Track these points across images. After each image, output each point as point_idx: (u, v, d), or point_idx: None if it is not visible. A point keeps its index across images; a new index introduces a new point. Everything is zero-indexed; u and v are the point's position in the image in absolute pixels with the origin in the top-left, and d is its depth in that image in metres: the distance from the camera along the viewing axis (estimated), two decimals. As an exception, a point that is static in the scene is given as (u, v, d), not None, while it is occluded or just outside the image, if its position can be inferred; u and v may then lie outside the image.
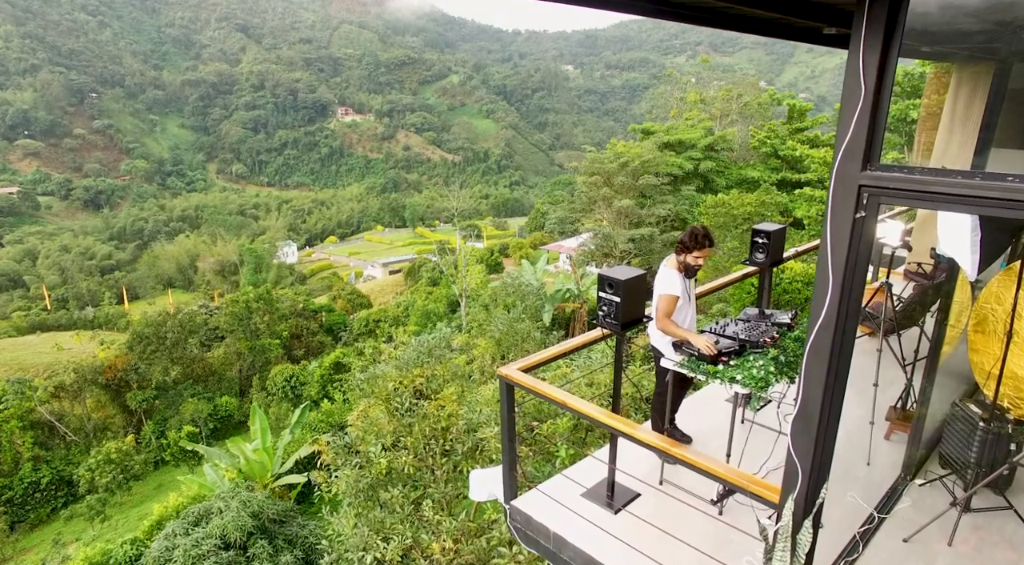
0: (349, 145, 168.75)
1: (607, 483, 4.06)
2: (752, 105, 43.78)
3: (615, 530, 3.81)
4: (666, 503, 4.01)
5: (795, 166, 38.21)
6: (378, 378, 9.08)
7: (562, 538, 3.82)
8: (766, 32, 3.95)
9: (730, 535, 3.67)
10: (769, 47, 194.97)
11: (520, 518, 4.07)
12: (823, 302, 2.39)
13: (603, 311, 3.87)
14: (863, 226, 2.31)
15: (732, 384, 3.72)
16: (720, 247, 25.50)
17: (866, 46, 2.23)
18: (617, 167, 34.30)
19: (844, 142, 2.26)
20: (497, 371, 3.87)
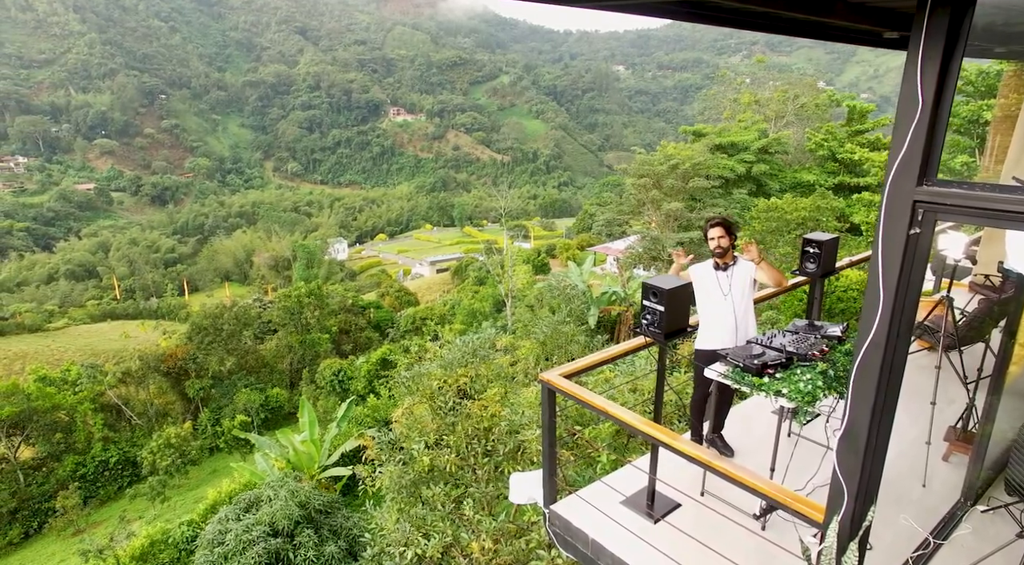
0: (400, 145, 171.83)
1: (647, 492, 4.03)
2: (809, 106, 42.34)
3: (654, 540, 3.78)
4: (707, 515, 3.95)
5: (853, 170, 36.77)
6: (423, 376, 9.24)
7: (600, 545, 3.82)
8: (822, 36, 3.85)
9: (772, 551, 3.59)
10: (830, 46, 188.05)
11: (559, 523, 4.09)
12: (872, 319, 2.32)
13: (647, 320, 3.84)
14: (917, 243, 2.23)
15: (778, 397, 3.64)
16: (772, 252, 24.77)
17: (925, 56, 2.14)
18: (667, 169, 33.76)
19: (899, 156, 2.19)
20: (539, 377, 3.90)
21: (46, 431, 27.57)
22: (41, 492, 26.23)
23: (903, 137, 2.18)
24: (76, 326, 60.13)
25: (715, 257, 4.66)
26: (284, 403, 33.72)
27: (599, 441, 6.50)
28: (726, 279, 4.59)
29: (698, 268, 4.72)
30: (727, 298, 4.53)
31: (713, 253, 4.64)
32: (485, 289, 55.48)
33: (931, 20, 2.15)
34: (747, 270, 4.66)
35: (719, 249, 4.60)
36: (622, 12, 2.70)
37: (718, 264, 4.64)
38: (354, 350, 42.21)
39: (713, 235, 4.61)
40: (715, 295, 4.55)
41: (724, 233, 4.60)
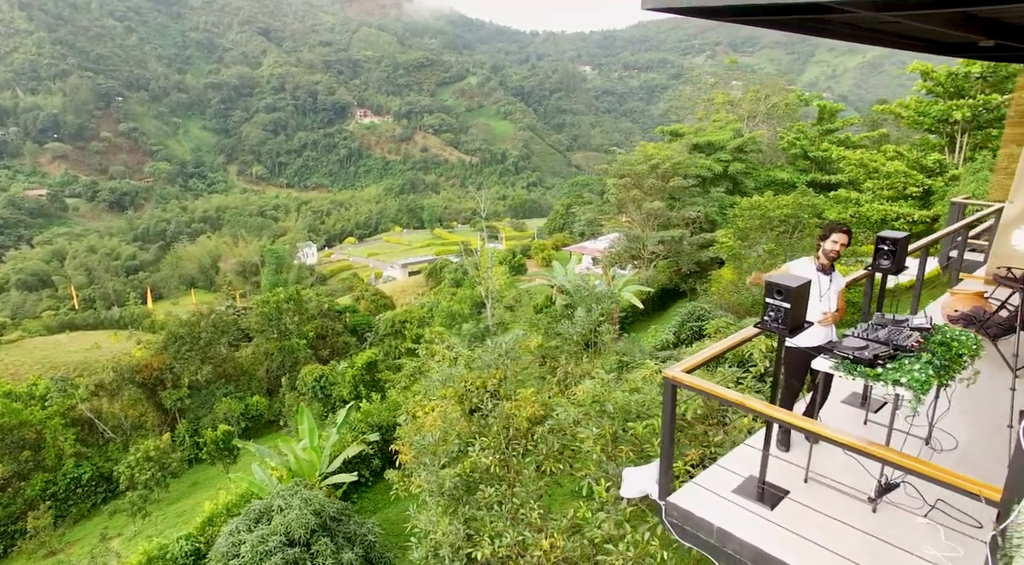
0: (367, 147, 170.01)
1: (759, 480, 4.07)
2: (780, 106, 43.38)
3: (775, 525, 3.87)
4: (818, 499, 4.04)
5: (824, 167, 37.83)
6: (453, 379, 9.12)
7: (726, 532, 3.86)
8: (917, 48, 3.91)
9: (889, 531, 3.67)
10: (789, 47, 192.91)
11: (677, 514, 4.13)
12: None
13: (770, 316, 3.87)
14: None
15: (896, 386, 3.70)
16: (756, 249, 25.29)
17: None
18: (647, 169, 34.13)
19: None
20: (664, 373, 3.92)
21: (12, 449, 26.34)
22: (7, 513, 25.03)
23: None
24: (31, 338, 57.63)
25: (828, 260, 4.71)
26: (264, 411, 32.97)
27: (654, 436, 6.52)
28: (827, 282, 4.67)
29: (799, 265, 4.77)
30: (822, 300, 4.62)
31: (827, 256, 4.70)
32: (463, 290, 55.30)
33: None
34: (841, 280, 4.77)
35: (834, 254, 4.67)
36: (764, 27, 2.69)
37: (824, 267, 4.71)
38: (331, 355, 41.56)
39: (837, 239, 4.68)
40: (814, 295, 4.61)
41: (848, 241, 4.68)
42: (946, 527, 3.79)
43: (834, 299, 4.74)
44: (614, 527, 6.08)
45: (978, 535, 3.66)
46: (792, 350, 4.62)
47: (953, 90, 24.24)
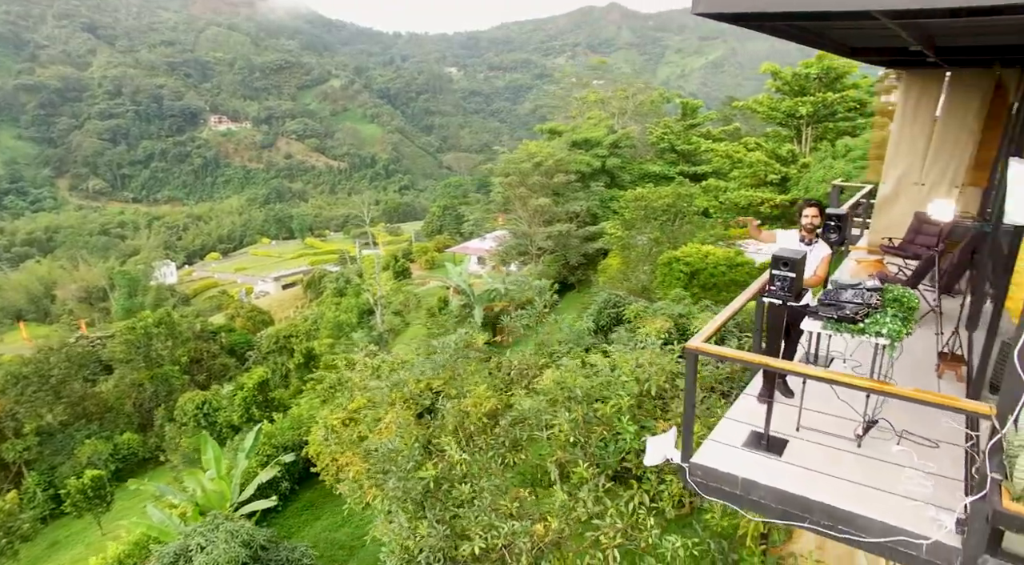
0: (225, 155, 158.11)
1: (763, 433, 4.37)
2: (646, 103, 46.38)
3: (787, 470, 4.23)
4: (814, 443, 4.47)
5: (691, 159, 40.98)
6: (402, 383, 8.76)
7: (751, 481, 4.16)
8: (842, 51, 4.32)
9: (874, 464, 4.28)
10: (642, 48, 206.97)
11: (700, 472, 4.38)
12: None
13: (776, 285, 4.15)
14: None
15: (879, 337, 4.12)
16: (641, 238, 26.83)
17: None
18: (531, 167, 34.99)
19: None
20: (686, 346, 4.09)
21: None
22: None
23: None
24: None
25: (806, 232, 5.11)
26: (138, 448, 29.60)
27: (622, 412, 6.70)
28: (808, 252, 5.07)
29: (787, 235, 5.14)
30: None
31: (804, 228, 5.10)
32: (347, 299, 53.28)
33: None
34: (822, 250, 5.23)
35: (811, 225, 5.07)
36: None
37: (804, 238, 5.11)
38: (210, 380, 38.32)
39: (808, 213, 5.12)
40: None
41: (818, 213, 5.07)
42: (918, 445, 4.33)
43: (814, 266, 5.15)
44: (595, 503, 6.20)
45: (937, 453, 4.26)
46: (775, 315, 4.97)
47: (797, 88, 27.40)
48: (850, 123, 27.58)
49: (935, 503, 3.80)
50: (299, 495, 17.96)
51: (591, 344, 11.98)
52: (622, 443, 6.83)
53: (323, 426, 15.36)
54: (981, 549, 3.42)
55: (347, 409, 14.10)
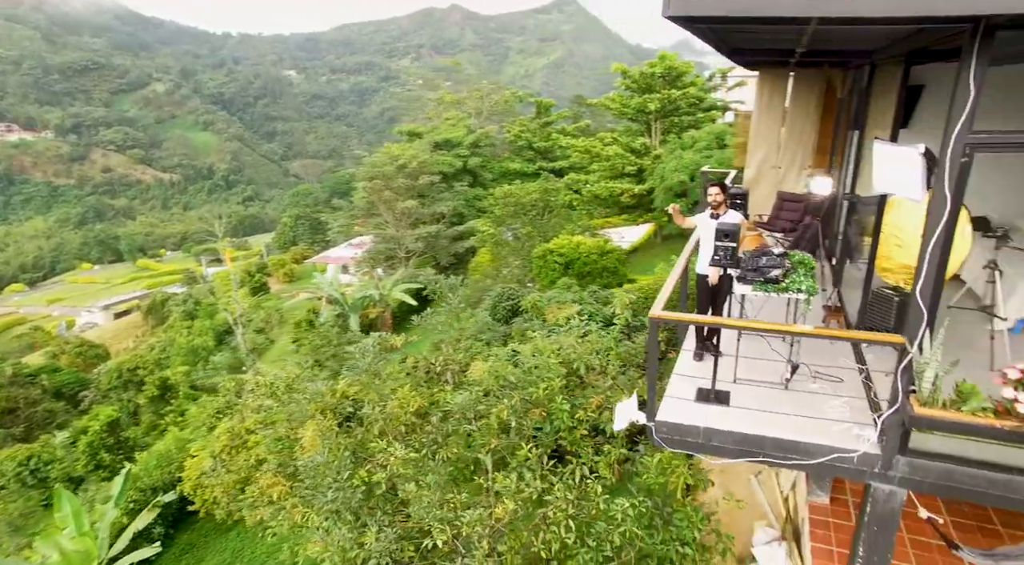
0: (20, 170, 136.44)
1: (710, 388, 4.96)
2: (500, 103, 47.72)
3: (737, 415, 4.82)
4: (752, 391, 5.14)
5: (547, 156, 42.88)
6: (317, 396, 8.35)
7: (711, 429, 4.72)
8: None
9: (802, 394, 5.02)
10: (486, 49, 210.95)
11: (665, 429, 4.86)
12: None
13: (720, 255, 4.73)
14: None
15: (799, 293, 4.87)
16: (517, 232, 27.68)
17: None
18: (395, 169, 34.56)
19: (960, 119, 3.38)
20: (649, 315, 4.50)
21: None
22: None
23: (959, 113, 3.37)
24: None
25: (712, 208, 5.75)
26: (-60, 525, 24.82)
27: (555, 393, 7.07)
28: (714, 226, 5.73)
29: (700, 216, 5.77)
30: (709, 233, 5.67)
31: (711, 205, 5.74)
32: (200, 322, 48.87)
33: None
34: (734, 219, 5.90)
35: (715, 202, 5.72)
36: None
37: (712, 214, 5.74)
38: (31, 430, 33.40)
39: (712, 192, 5.81)
40: (708, 237, 5.64)
41: (720, 191, 5.72)
42: (829, 381, 5.18)
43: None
44: (542, 480, 6.51)
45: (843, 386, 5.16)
46: (701, 281, 5.62)
47: (645, 86, 29.89)
48: (692, 117, 30.65)
49: (856, 422, 4.57)
50: (175, 539, 16.32)
51: (498, 335, 12.29)
52: (557, 423, 7.20)
53: (210, 456, 14.12)
54: (895, 451, 4.21)
55: (238, 434, 13.14)
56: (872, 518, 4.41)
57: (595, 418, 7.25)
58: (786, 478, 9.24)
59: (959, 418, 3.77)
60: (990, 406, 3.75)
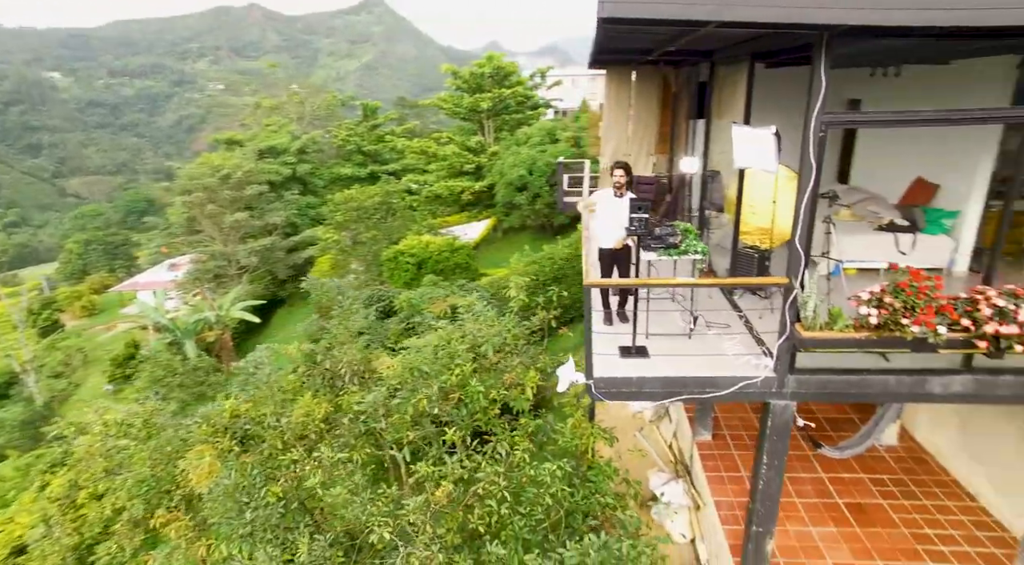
0: None
1: (630, 345, 5.70)
2: (322, 107, 45.87)
3: (660, 361, 5.58)
4: (664, 343, 5.92)
5: (378, 159, 42.13)
6: (208, 418, 7.65)
7: (641, 378, 5.40)
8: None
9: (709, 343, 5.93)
10: (292, 51, 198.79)
11: (603, 383, 5.44)
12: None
13: (635, 225, 5.41)
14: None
15: (696, 253, 5.76)
16: (360, 237, 27.08)
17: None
18: (219, 181, 31.75)
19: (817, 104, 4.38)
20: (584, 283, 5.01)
21: None
22: None
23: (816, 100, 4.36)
24: None
25: (616, 188, 6.42)
26: None
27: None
28: (620, 203, 6.39)
29: (603, 194, 6.41)
30: (618, 216, 6.36)
31: (615, 185, 6.41)
32: (-27, 376, 40.69)
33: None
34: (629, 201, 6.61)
35: (619, 182, 6.39)
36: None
37: (616, 193, 6.43)
38: None
39: (616, 174, 6.48)
40: (612, 213, 6.34)
41: (624, 173, 6.40)
42: (720, 328, 6.17)
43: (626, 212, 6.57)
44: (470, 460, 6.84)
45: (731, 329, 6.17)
46: (604, 254, 6.36)
47: (476, 86, 30.80)
48: (522, 115, 32.26)
49: (754, 354, 5.56)
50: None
51: (377, 337, 12.16)
52: (472, 405, 7.52)
53: (41, 520, 12.20)
54: (786, 372, 5.24)
55: (82, 486, 11.47)
56: (772, 430, 5.43)
57: (507, 395, 7.68)
58: (667, 429, 10.53)
59: (833, 335, 4.84)
60: (851, 323, 4.86)
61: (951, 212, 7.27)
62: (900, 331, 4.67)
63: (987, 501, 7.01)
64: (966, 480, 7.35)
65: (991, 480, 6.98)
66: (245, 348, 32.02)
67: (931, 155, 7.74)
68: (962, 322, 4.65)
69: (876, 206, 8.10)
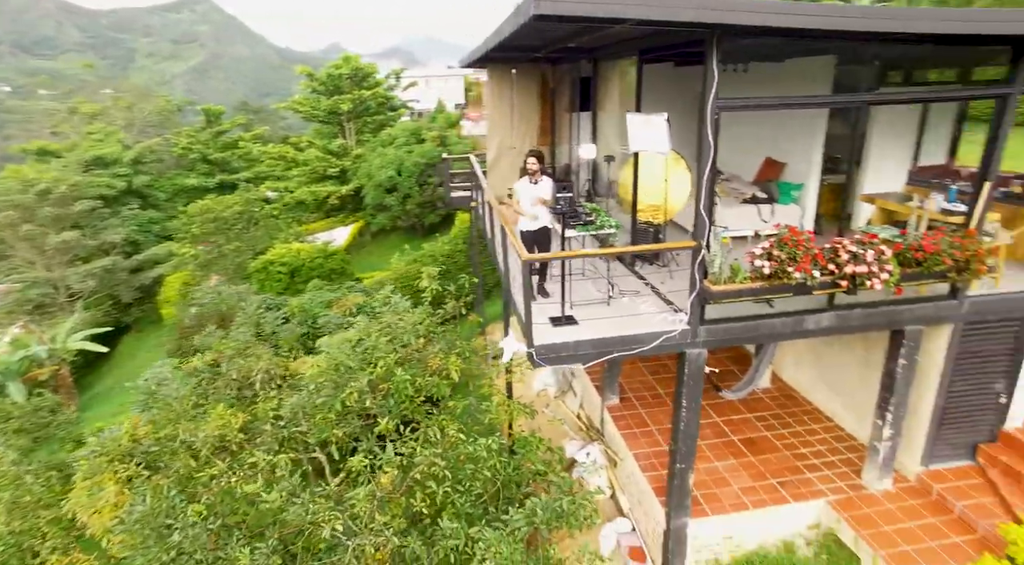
0: None
1: (561, 314, 6.21)
2: (155, 114, 41.67)
3: (589, 325, 6.13)
4: (587, 310, 6.49)
5: (225, 168, 39.13)
6: (104, 446, 6.91)
7: (578, 341, 5.91)
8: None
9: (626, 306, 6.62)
10: (101, 50, 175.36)
11: (544, 350, 5.86)
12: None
13: (561, 204, 5.85)
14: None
15: (611, 228, 6.38)
16: (222, 249, 25.27)
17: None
18: (36, 197, 27.75)
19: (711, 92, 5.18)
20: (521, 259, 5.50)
21: None
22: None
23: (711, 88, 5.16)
24: None
25: (530, 175, 6.86)
26: None
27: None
28: (536, 189, 6.88)
29: (521, 182, 6.85)
30: (536, 200, 6.82)
31: (529, 172, 6.85)
32: None
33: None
34: (548, 183, 7.14)
35: (532, 170, 6.85)
36: None
37: (531, 179, 6.88)
38: None
39: (530, 161, 6.95)
40: (530, 198, 6.81)
41: (537, 161, 6.86)
42: (631, 294, 6.92)
43: (547, 194, 7.07)
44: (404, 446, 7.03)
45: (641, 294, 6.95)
46: (525, 236, 6.84)
47: (333, 88, 29.81)
48: (384, 116, 31.80)
49: (670, 312, 6.34)
50: None
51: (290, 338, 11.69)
52: (399, 395, 7.64)
53: None
54: (698, 323, 6.06)
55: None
56: (689, 376, 6.24)
57: (432, 382, 7.89)
58: (572, 402, 11.31)
59: (736, 287, 5.72)
60: (749, 276, 5.78)
61: (797, 185, 8.73)
62: (786, 278, 5.67)
63: (840, 420, 8.54)
64: (824, 406, 8.87)
65: (842, 403, 8.51)
66: (88, 383, 28.41)
67: (778, 139, 9.19)
68: (829, 267, 5.75)
69: (737, 183, 9.44)
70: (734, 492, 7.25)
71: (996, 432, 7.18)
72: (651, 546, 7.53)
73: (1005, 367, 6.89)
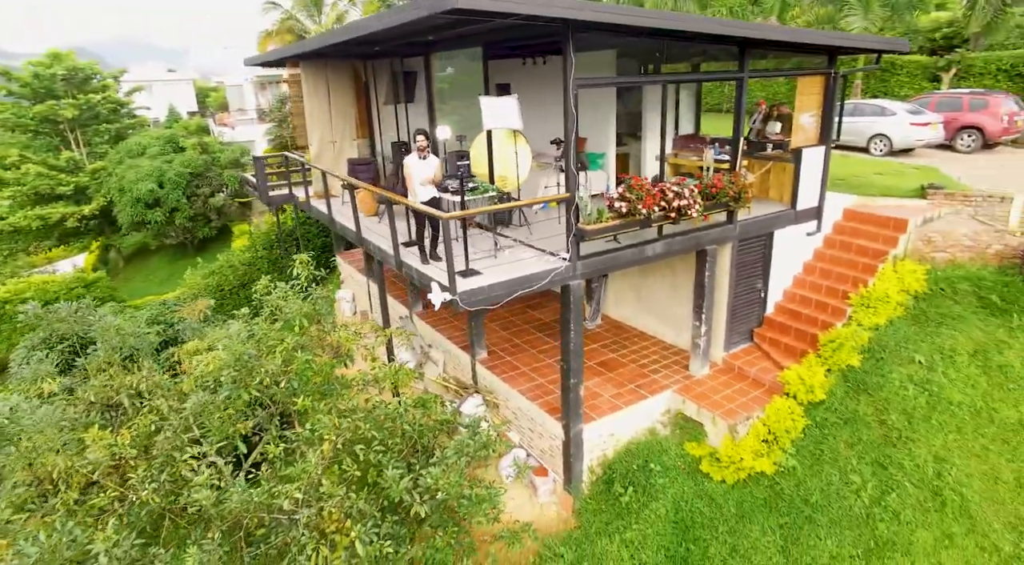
0: None
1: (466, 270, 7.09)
2: None
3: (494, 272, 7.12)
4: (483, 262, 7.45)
5: None
6: None
7: (492, 285, 6.85)
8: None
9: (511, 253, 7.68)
10: None
11: (467, 295, 6.68)
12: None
13: (462, 171, 6.70)
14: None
15: (492, 193, 7.43)
16: None
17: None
18: None
19: (571, 73, 6.53)
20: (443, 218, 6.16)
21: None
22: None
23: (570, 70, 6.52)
24: None
25: (420, 152, 7.47)
26: None
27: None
28: (426, 164, 7.52)
29: (411, 157, 7.43)
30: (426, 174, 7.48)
31: (418, 149, 7.44)
32: None
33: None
34: (435, 160, 7.78)
35: (422, 147, 7.50)
36: None
37: (421, 155, 7.51)
38: None
39: (419, 139, 7.59)
40: (420, 173, 7.45)
41: (425, 139, 7.47)
42: (512, 246, 8.10)
43: (431, 173, 7.73)
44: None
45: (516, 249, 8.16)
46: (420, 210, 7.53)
47: (44, 91, 24.71)
48: (120, 124, 27.44)
49: (551, 254, 7.62)
50: None
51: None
52: (301, 375, 7.68)
53: None
54: (576, 259, 7.46)
55: None
56: (572, 303, 7.61)
57: (330, 362, 8.03)
58: (433, 370, 12.08)
59: (603, 225, 7.24)
60: (610, 216, 7.36)
61: (600, 154, 10.78)
62: (637, 214, 7.38)
63: (662, 335, 10.86)
64: (647, 327, 11.14)
65: (661, 322, 10.84)
66: None
67: (581, 119, 11.14)
68: (662, 204, 7.63)
69: (551, 158, 11.20)
70: (607, 400, 8.93)
71: (762, 318, 10.07)
72: (550, 461, 8.83)
73: (762, 270, 9.73)
